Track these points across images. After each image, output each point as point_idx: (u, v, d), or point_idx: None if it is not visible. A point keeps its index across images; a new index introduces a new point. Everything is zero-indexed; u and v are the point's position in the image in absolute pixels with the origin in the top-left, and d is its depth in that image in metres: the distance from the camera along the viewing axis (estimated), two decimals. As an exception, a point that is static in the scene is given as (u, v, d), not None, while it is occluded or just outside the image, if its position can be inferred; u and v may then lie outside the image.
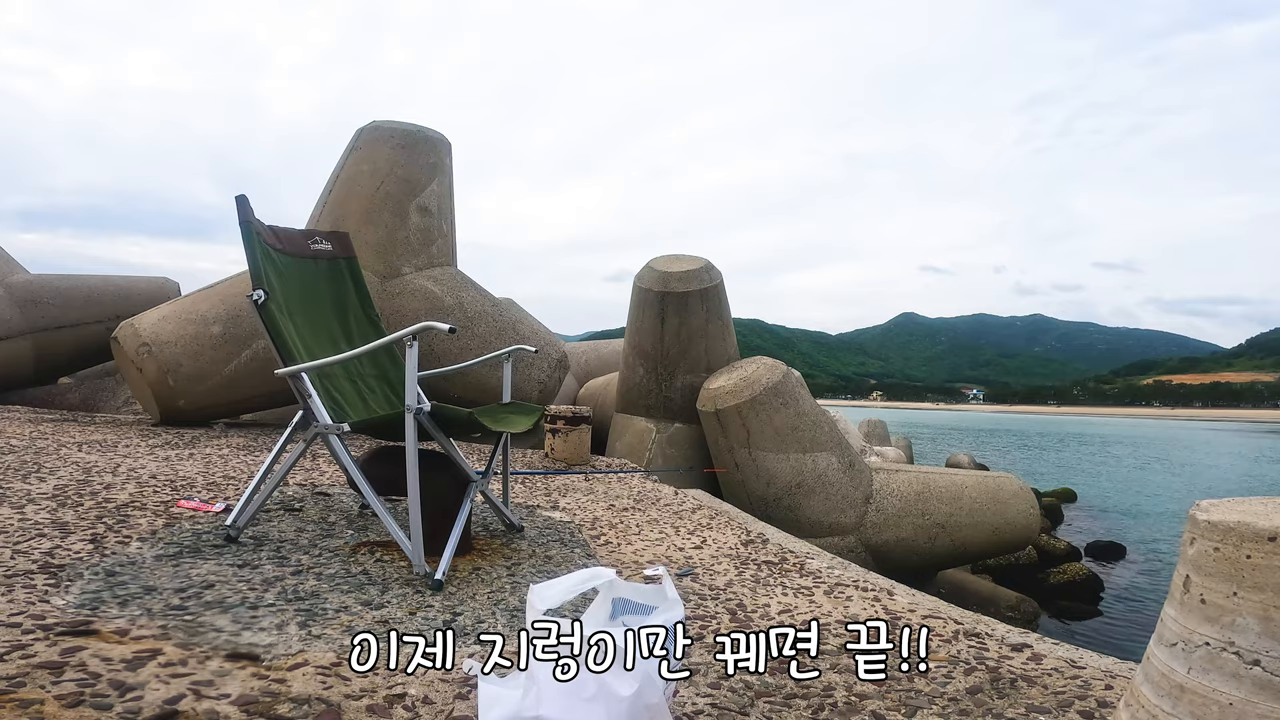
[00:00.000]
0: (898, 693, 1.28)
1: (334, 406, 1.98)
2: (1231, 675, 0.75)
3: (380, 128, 5.20)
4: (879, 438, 11.28)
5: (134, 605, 1.38)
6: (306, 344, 2.06)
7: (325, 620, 1.40)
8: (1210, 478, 21.03)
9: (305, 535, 2.03)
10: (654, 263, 5.30)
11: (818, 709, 1.19)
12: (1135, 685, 0.88)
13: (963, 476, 4.95)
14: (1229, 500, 0.87)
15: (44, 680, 1.03)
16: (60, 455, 3.05)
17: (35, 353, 6.02)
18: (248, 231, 1.96)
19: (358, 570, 1.74)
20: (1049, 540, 7.99)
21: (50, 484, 2.41)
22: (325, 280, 2.36)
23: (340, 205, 5.06)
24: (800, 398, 4.75)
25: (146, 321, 4.58)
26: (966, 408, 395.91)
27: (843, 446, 4.77)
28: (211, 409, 4.68)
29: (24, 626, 1.22)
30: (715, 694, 1.22)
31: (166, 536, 1.90)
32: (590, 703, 0.90)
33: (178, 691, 1.05)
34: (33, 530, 1.82)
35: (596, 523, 2.56)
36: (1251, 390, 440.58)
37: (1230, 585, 0.77)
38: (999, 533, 4.74)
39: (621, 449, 5.30)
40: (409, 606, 1.52)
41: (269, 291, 1.91)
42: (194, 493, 2.47)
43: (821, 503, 4.53)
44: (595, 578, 1.04)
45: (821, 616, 1.69)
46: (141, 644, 1.20)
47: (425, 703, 1.10)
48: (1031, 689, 1.32)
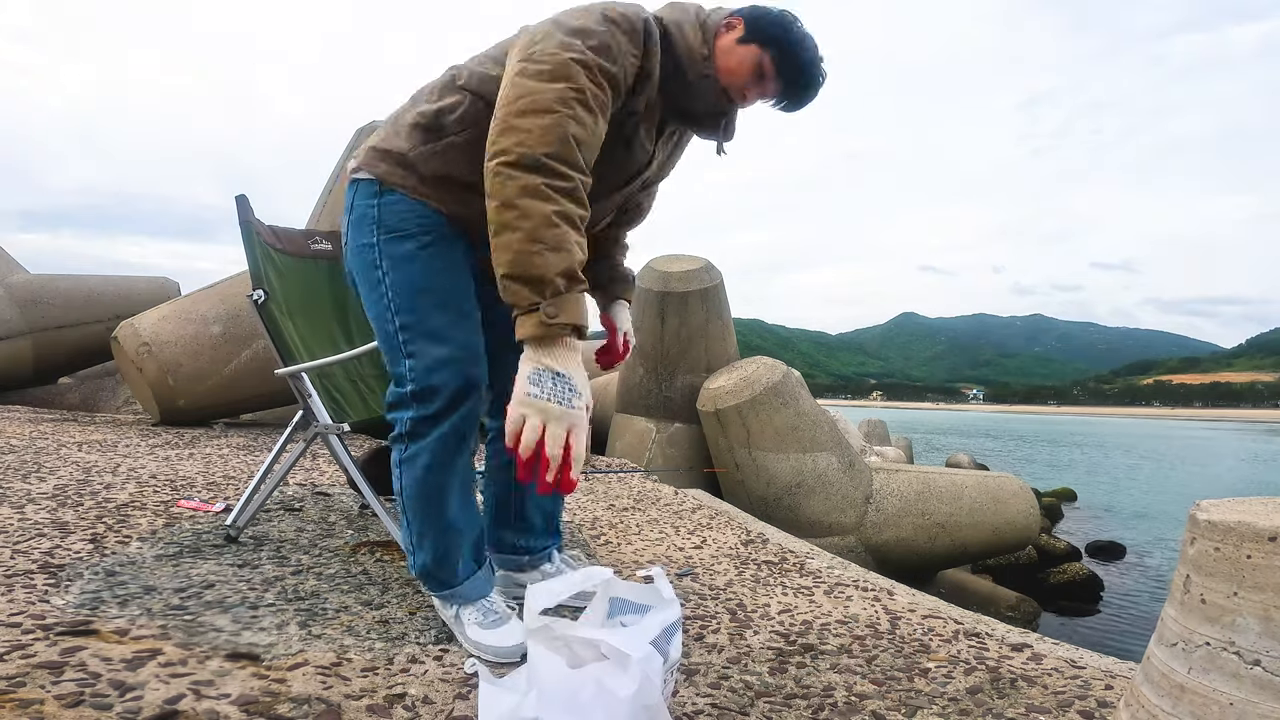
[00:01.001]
0: (898, 693, 1.28)
1: (334, 406, 1.98)
2: (1232, 675, 0.75)
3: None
4: (879, 438, 11.29)
5: (134, 605, 1.38)
6: (306, 344, 2.06)
7: (325, 620, 1.40)
8: (1210, 478, 21.04)
9: (305, 535, 2.03)
10: (654, 263, 5.30)
11: (818, 709, 1.19)
12: (1135, 685, 0.88)
13: (963, 476, 4.95)
14: (1229, 500, 0.87)
15: (44, 680, 1.03)
16: (60, 455, 3.05)
17: (35, 353, 6.02)
18: (247, 231, 1.96)
19: (358, 570, 1.75)
20: (1049, 540, 7.99)
21: (50, 484, 2.41)
22: (325, 280, 2.36)
23: (340, 205, 5.06)
24: (800, 397, 4.75)
25: (146, 321, 4.58)
26: (966, 408, 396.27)
27: (843, 446, 4.77)
28: (211, 409, 4.68)
29: (24, 626, 1.22)
30: (715, 694, 1.22)
31: (166, 536, 1.90)
32: (589, 704, 0.90)
33: (178, 691, 1.05)
34: (33, 530, 1.82)
35: (596, 522, 2.56)
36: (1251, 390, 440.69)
37: (1230, 585, 0.77)
38: (999, 533, 4.74)
39: (621, 449, 5.30)
40: (409, 606, 1.52)
41: (269, 291, 1.91)
42: (194, 492, 2.48)
43: (821, 503, 4.53)
44: (592, 577, 1.03)
45: (821, 616, 1.69)
46: (141, 644, 1.20)
47: (425, 703, 1.10)
48: (1031, 689, 1.32)
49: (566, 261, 1.08)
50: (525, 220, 1.07)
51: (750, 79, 1.36)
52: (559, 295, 1.07)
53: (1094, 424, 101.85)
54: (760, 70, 1.35)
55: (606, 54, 1.20)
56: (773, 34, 1.34)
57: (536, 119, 1.11)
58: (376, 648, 1.29)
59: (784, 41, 1.34)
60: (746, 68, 1.35)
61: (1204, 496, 0.91)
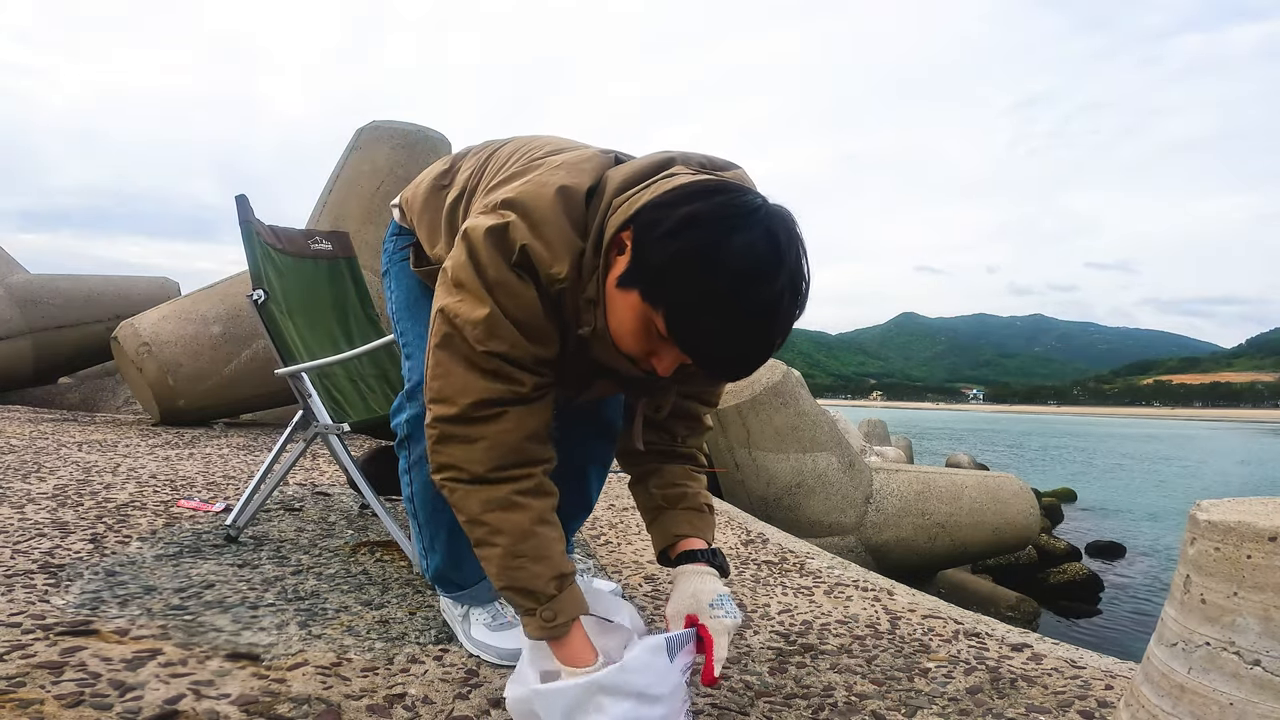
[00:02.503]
0: (898, 693, 1.28)
1: (334, 406, 1.98)
2: (1232, 675, 0.75)
3: (380, 128, 5.20)
4: (879, 438, 11.29)
5: (134, 605, 1.38)
6: (306, 344, 2.06)
7: (325, 620, 1.40)
8: (1210, 477, 21.04)
9: (305, 535, 2.03)
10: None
11: (818, 709, 1.19)
12: (1135, 685, 0.88)
13: (963, 476, 4.95)
14: (1229, 500, 0.87)
15: (44, 680, 1.03)
16: (60, 455, 3.05)
17: (35, 353, 6.02)
18: (247, 231, 1.96)
19: (358, 570, 1.75)
20: (1049, 540, 7.99)
21: (50, 484, 2.41)
22: (325, 280, 2.36)
23: (340, 205, 5.06)
24: (800, 397, 4.75)
25: (146, 321, 4.58)
26: (966, 408, 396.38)
27: (843, 446, 4.77)
28: (211, 409, 4.68)
29: (24, 626, 1.22)
30: (715, 694, 1.22)
31: (166, 536, 1.90)
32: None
33: (178, 691, 1.05)
34: (33, 530, 1.82)
35: (596, 522, 2.56)
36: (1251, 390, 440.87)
37: (1230, 585, 0.77)
38: (999, 533, 4.74)
39: (621, 449, 5.31)
40: (409, 606, 1.52)
41: (269, 291, 1.91)
42: (194, 492, 2.48)
43: (821, 503, 4.53)
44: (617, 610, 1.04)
45: (821, 616, 1.69)
46: (141, 644, 1.20)
47: (425, 703, 1.10)
48: (1031, 689, 1.32)
49: (553, 568, 0.97)
50: (500, 536, 0.96)
51: (643, 343, 0.90)
52: (554, 599, 0.97)
53: (1094, 424, 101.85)
54: (653, 329, 0.88)
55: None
56: (670, 281, 0.83)
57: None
58: (376, 648, 1.30)
59: (689, 295, 0.83)
60: (629, 327, 0.89)
61: (1204, 496, 0.91)
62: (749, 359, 0.86)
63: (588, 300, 0.94)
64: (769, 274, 0.82)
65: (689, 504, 1.19)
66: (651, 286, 0.85)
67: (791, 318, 0.86)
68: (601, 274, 0.92)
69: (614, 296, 0.90)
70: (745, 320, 0.82)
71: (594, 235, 0.92)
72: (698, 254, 0.81)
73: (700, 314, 0.82)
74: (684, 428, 1.22)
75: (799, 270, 0.85)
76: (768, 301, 0.82)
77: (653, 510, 1.21)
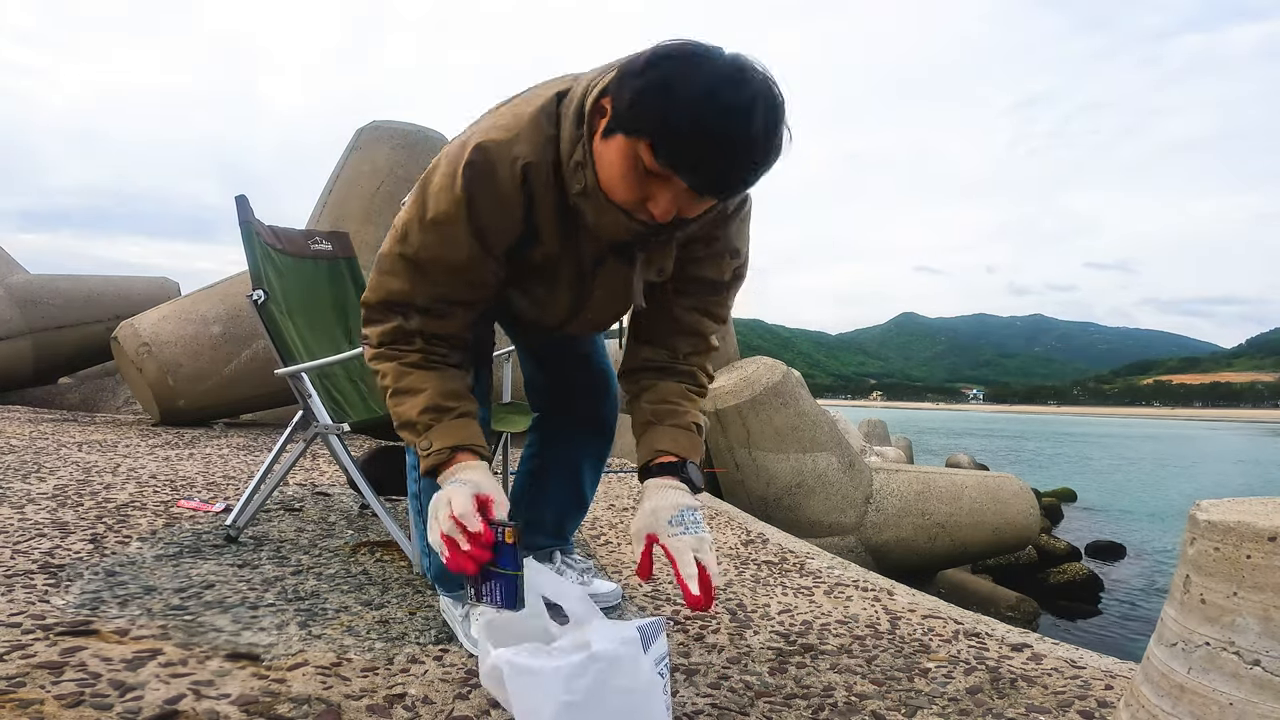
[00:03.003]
0: (898, 693, 1.28)
1: (334, 406, 1.98)
2: (1231, 675, 0.75)
3: (380, 128, 5.20)
4: (879, 438, 11.30)
5: (134, 605, 1.38)
6: (306, 344, 2.06)
7: (325, 620, 1.40)
8: (1210, 477, 21.04)
9: (305, 535, 2.03)
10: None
11: (818, 709, 1.19)
12: (1135, 685, 0.88)
13: (963, 476, 4.95)
14: (1229, 500, 0.87)
15: (44, 680, 1.03)
16: (60, 455, 3.05)
17: (35, 353, 6.02)
18: (247, 231, 1.96)
19: (358, 570, 1.75)
20: (1049, 540, 8.00)
21: (50, 484, 2.41)
22: (325, 280, 2.36)
23: (340, 205, 5.07)
24: (800, 398, 4.75)
25: (146, 321, 4.58)
26: (966, 408, 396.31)
27: (843, 446, 4.77)
28: (211, 409, 4.68)
29: (24, 626, 1.22)
30: (715, 694, 1.22)
31: (166, 536, 1.90)
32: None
33: (178, 691, 1.05)
34: (33, 530, 1.82)
35: (596, 522, 2.56)
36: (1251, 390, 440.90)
37: (1230, 585, 0.77)
38: (999, 533, 4.74)
39: (621, 449, 5.30)
40: (409, 606, 1.52)
41: (269, 291, 1.91)
42: (194, 493, 2.48)
43: (821, 503, 4.54)
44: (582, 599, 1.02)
45: (821, 616, 1.69)
46: (141, 644, 1.20)
47: (425, 703, 1.10)
48: (1031, 689, 1.32)
49: (427, 401, 1.09)
50: (385, 379, 1.13)
51: (634, 186, 0.93)
52: (429, 430, 1.08)
53: (1094, 424, 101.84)
54: (640, 168, 0.91)
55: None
56: (645, 106, 0.88)
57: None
58: (376, 648, 1.30)
59: (665, 111, 0.87)
60: (619, 171, 0.93)
61: (1204, 496, 0.91)
62: (737, 162, 0.89)
63: (576, 164, 0.99)
64: (740, 80, 0.87)
65: (676, 421, 1.19)
66: (631, 122, 0.90)
67: (774, 128, 0.89)
68: (587, 139, 0.97)
69: (600, 152, 0.95)
70: (725, 120, 0.86)
71: (574, 111, 0.98)
72: (671, 77, 0.87)
73: (680, 125, 0.86)
74: (687, 344, 1.23)
75: (771, 85, 0.89)
76: (744, 101, 0.86)
77: (641, 425, 1.22)
